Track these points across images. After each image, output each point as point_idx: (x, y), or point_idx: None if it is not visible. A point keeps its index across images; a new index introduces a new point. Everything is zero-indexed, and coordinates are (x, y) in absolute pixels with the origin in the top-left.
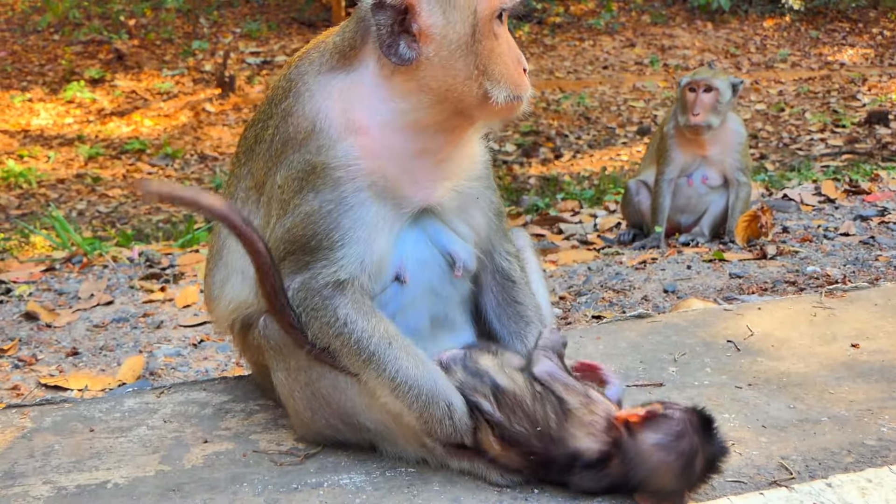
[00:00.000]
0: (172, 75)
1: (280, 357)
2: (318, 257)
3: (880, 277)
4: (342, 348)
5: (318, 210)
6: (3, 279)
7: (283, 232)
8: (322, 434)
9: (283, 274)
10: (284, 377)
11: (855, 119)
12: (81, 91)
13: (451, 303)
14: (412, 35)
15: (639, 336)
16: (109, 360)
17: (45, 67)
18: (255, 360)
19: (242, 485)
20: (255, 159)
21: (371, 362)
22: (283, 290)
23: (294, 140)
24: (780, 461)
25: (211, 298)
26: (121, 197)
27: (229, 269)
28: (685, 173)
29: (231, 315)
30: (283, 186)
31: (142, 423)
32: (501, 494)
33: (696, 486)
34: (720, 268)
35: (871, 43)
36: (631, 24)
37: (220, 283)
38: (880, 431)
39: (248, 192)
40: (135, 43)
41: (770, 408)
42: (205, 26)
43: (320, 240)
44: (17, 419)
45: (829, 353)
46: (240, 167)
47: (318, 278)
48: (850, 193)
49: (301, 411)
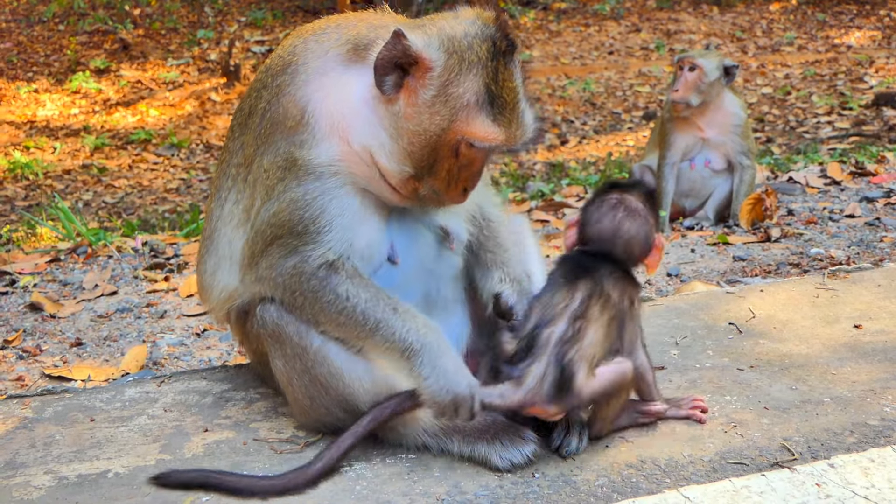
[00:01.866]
0: (178, 65)
1: (278, 344)
2: (307, 241)
3: (885, 258)
4: (347, 322)
5: (303, 197)
6: (8, 270)
7: (269, 216)
8: (322, 421)
9: (272, 258)
10: (283, 364)
11: (862, 101)
12: (87, 81)
13: (444, 279)
14: (401, 82)
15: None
16: (113, 350)
17: (51, 58)
18: (254, 349)
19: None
20: (247, 133)
21: (378, 329)
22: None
23: (282, 125)
24: (782, 442)
25: (203, 287)
26: (126, 187)
27: (219, 256)
28: (687, 157)
29: (225, 304)
30: (269, 171)
31: (142, 413)
32: (502, 479)
33: None
34: (724, 251)
35: (878, 25)
36: (636, 9)
37: (211, 271)
38: (883, 412)
39: (237, 168)
40: (140, 33)
41: (772, 389)
42: (210, 15)
43: (307, 224)
44: (18, 409)
45: (832, 335)
46: (233, 141)
47: (309, 261)
48: (855, 175)
49: (300, 399)
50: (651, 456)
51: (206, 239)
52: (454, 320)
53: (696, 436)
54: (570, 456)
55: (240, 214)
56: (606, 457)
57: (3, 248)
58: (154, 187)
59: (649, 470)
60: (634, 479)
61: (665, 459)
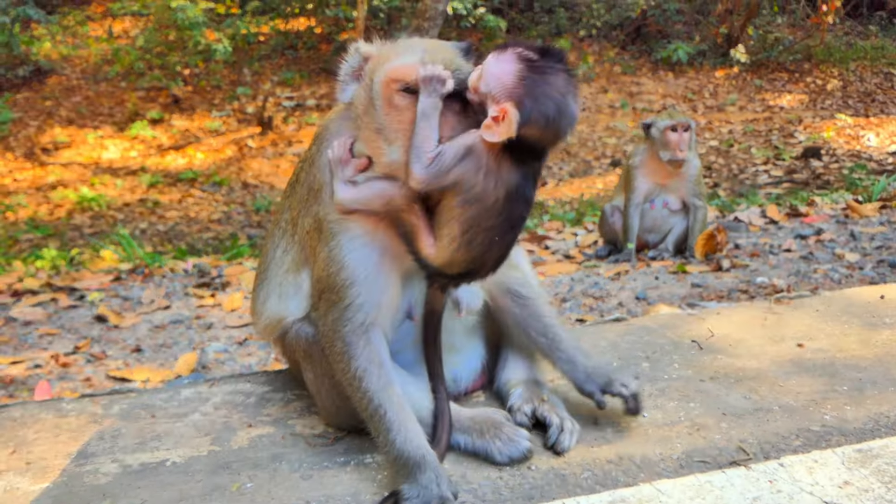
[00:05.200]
0: (220, 116)
1: (309, 361)
2: (341, 296)
3: (818, 287)
4: (353, 394)
5: (329, 253)
6: (78, 287)
7: (316, 276)
8: (346, 423)
9: (319, 310)
10: (312, 377)
11: (793, 153)
12: (144, 129)
13: (457, 333)
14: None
15: (616, 336)
16: (167, 355)
17: (114, 109)
18: (290, 358)
19: (282, 463)
20: (293, 196)
21: (372, 419)
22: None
23: (313, 190)
24: (738, 444)
25: (254, 312)
26: (176, 218)
27: (269, 290)
28: (648, 199)
29: (270, 328)
30: (310, 233)
31: (196, 410)
32: (501, 472)
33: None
34: (683, 278)
35: (805, 90)
36: (605, 74)
37: (262, 300)
38: (823, 419)
39: (286, 224)
40: (189, 89)
41: (729, 398)
42: (247, 75)
43: (335, 279)
44: (89, 407)
45: (779, 352)
46: (286, 199)
47: (342, 320)
48: (790, 216)
49: (328, 406)
50: (628, 453)
51: (261, 274)
52: (466, 358)
53: (665, 437)
54: (563, 453)
55: (288, 263)
56: (590, 454)
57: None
58: (199, 218)
59: (626, 465)
60: (614, 474)
61: (640, 457)
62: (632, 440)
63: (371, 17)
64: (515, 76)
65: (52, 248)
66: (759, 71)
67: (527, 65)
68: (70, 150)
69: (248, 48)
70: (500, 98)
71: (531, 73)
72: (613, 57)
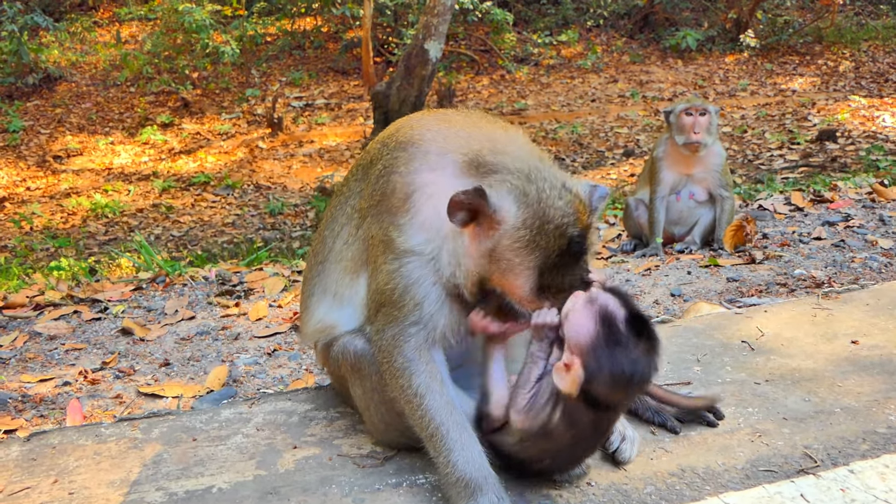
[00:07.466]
0: (230, 118)
1: (357, 376)
2: (405, 312)
3: (859, 277)
4: (410, 413)
5: (398, 269)
6: (100, 298)
7: (375, 286)
8: (396, 441)
9: (378, 323)
10: (361, 393)
11: (808, 137)
12: (154, 134)
13: (518, 346)
14: (469, 222)
15: (664, 339)
16: (197, 369)
17: (124, 115)
18: (335, 372)
19: (331, 486)
20: (366, 183)
21: (432, 438)
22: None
23: (389, 199)
24: (803, 450)
25: (305, 307)
26: (190, 222)
27: (324, 288)
28: (674, 191)
29: (317, 334)
30: (374, 241)
31: (237, 432)
32: (560, 489)
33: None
34: (717, 272)
35: (817, 72)
36: (613, 64)
37: (316, 297)
38: (889, 420)
39: (353, 210)
40: (198, 92)
41: (788, 401)
42: (256, 76)
43: (401, 295)
44: (128, 431)
45: (833, 350)
46: (355, 181)
47: (403, 336)
48: (815, 202)
49: (376, 423)
50: (690, 465)
51: (316, 256)
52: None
53: (726, 445)
54: (626, 462)
55: (347, 260)
56: (650, 466)
57: (91, 279)
58: (213, 222)
59: (690, 478)
60: (678, 487)
61: (703, 468)
62: (692, 450)
63: (378, 15)
64: (591, 337)
65: (69, 256)
66: (770, 55)
67: (605, 331)
68: (82, 158)
69: (256, 49)
70: (572, 348)
71: (607, 339)
72: (622, 46)
